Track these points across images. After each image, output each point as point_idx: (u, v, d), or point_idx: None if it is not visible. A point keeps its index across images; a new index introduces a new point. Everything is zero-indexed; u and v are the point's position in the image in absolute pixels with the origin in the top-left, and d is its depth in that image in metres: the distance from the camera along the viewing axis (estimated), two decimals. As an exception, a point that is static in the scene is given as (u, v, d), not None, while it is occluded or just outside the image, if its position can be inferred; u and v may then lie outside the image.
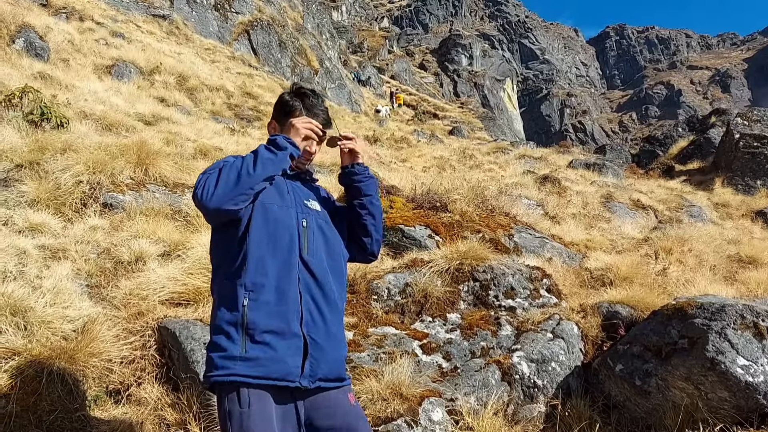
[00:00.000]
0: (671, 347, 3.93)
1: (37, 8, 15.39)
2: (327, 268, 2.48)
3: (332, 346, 2.39)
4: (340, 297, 2.53)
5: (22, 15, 13.12)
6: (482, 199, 8.12)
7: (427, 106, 50.92)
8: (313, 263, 2.42)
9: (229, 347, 2.24)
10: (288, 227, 2.43)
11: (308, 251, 2.43)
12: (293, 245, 2.41)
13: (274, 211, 2.43)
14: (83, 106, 9.86)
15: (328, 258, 2.52)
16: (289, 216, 2.46)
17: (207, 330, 4.02)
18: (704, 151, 21.16)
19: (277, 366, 2.23)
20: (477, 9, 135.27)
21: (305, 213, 2.52)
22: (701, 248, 7.71)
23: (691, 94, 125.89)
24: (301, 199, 2.56)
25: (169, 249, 5.45)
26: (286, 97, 2.68)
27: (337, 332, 2.46)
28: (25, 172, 6.38)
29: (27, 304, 3.84)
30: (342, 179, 2.70)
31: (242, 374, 2.20)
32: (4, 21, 12.25)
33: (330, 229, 2.61)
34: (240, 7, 28.47)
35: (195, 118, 13.62)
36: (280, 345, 2.26)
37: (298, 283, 2.36)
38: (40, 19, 14.17)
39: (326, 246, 2.54)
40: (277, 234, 2.40)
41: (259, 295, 2.30)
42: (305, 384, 2.28)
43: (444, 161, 20.40)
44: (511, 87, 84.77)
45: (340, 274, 2.58)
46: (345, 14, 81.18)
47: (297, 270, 2.38)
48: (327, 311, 2.40)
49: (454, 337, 4.54)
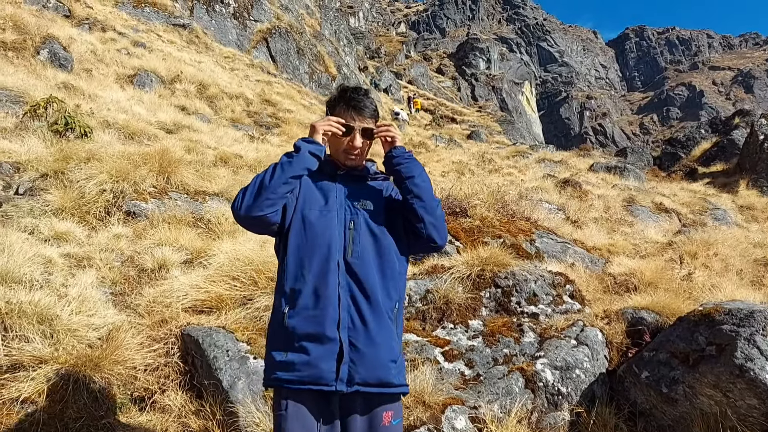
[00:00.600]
0: (699, 354, 3.86)
1: (61, 20, 15.66)
2: (375, 269, 2.44)
3: (373, 349, 2.34)
4: (388, 297, 2.46)
5: (46, 26, 13.36)
6: (502, 203, 8.07)
7: (444, 111, 50.85)
8: (357, 265, 2.41)
9: (274, 352, 2.37)
10: (328, 231, 2.43)
11: (353, 253, 2.42)
12: (334, 248, 2.40)
13: (313, 216, 2.45)
14: (106, 116, 10.00)
15: (378, 258, 2.47)
16: (331, 219, 2.46)
17: (229, 337, 4.05)
18: (728, 152, 20.86)
19: (311, 371, 2.27)
20: (494, 12, 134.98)
21: (354, 213, 2.50)
22: (727, 252, 7.58)
23: (713, 95, 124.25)
24: (350, 199, 2.53)
25: (191, 256, 5.50)
26: (330, 97, 2.70)
27: (381, 335, 2.38)
28: (50, 181, 6.49)
29: (53, 312, 3.89)
30: (385, 168, 2.63)
31: (281, 379, 2.31)
32: (29, 33, 12.48)
33: (381, 229, 2.53)
34: (258, 15, 28.71)
35: (215, 125, 13.76)
36: (315, 350, 2.29)
37: (337, 286, 2.36)
38: (63, 31, 14.41)
39: (376, 246, 2.49)
40: (316, 239, 2.42)
41: (297, 301, 2.36)
42: (341, 388, 2.28)
43: (463, 166, 20.34)
44: (529, 90, 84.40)
45: (392, 274, 2.50)
46: (362, 20, 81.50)
47: (338, 273, 2.37)
48: (369, 314, 2.36)
49: (477, 344, 4.51)
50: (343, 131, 2.52)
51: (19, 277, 4.26)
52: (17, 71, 10.63)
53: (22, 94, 9.07)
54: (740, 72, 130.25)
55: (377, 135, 2.59)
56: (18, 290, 4.01)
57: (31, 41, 12.45)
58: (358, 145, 2.56)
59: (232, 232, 6.41)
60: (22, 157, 6.86)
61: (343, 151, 2.59)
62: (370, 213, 2.52)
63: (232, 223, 6.61)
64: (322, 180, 2.57)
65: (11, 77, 9.80)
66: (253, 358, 3.90)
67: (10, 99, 8.74)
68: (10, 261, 4.36)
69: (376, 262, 2.46)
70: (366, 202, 2.55)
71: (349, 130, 2.54)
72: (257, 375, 3.78)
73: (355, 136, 2.55)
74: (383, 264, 2.48)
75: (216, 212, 6.79)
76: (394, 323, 2.47)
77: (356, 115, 2.57)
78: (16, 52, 11.86)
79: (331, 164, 2.63)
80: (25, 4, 14.60)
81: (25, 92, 9.21)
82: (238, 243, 5.70)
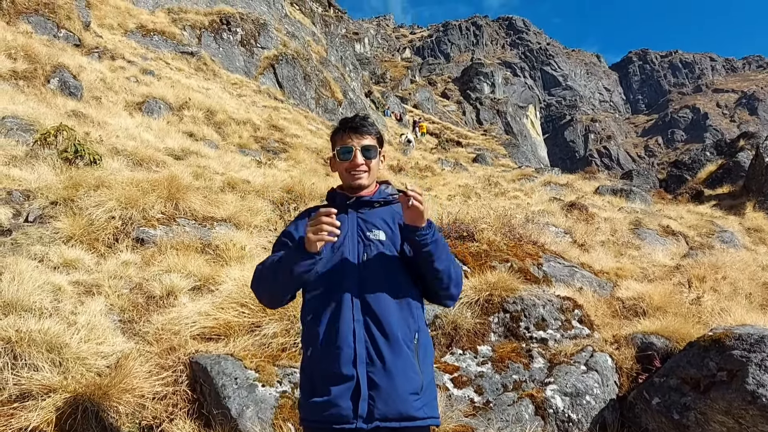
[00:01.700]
0: (709, 380, 3.83)
1: (71, 48, 15.89)
2: (391, 301, 2.42)
3: (392, 383, 2.31)
4: (407, 328, 2.42)
5: (56, 56, 13.55)
6: (509, 227, 8.07)
7: (450, 134, 51.14)
8: (372, 299, 2.40)
9: (302, 393, 2.47)
10: (342, 267, 2.44)
11: (368, 287, 2.41)
12: (347, 284, 2.41)
13: (326, 255, 2.43)
14: (115, 143, 10.09)
15: (393, 290, 2.44)
16: (344, 254, 2.46)
17: (238, 365, 4.04)
18: (734, 175, 20.86)
19: (332, 410, 2.29)
20: (498, 38, 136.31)
21: (367, 245, 2.48)
22: (735, 275, 7.54)
23: (717, 117, 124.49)
24: (363, 230, 2.52)
25: (199, 283, 5.51)
26: (332, 131, 2.72)
27: (399, 368, 2.34)
28: (60, 208, 6.53)
29: (62, 340, 3.90)
30: (403, 235, 2.48)
31: (306, 419, 2.41)
32: (39, 62, 12.66)
33: (396, 260, 2.50)
34: (265, 42, 29.08)
35: (223, 151, 13.85)
36: (334, 389, 2.32)
37: (352, 321, 2.36)
38: (73, 59, 14.62)
39: (391, 278, 2.46)
40: (330, 278, 2.43)
41: (315, 343, 2.40)
42: (361, 426, 2.27)
43: (469, 189, 20.40)
44: (534, 113, 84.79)
45: (409, 305, 2.47)
46: (368, 46, 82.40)
47: (352, 309, 2.37)
48: (386, 347, 2.34)
49: (486, 370, 4.49)
50: (337, 225, 2.26)
51: (29, 305, 4.28)
52: (28, 99, 10.77)
53: (33, 123, 9.17)
54: (744, 94, 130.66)
55: (401, 199, 2.35)
56: (28, 318, 4.02)
57: (41, 70, 12.63)
58: (359, 162, 2.55)
59: (239, 258, 6.43)
60: (32, 185, 6.92)
61: (346, 171, 2.58)
62: (383, 244, 2.50)
63: (239, 248, 6.64)
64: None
65: (22, 106, 9.92)
66: (261, 386, 3.89)
67: (21, 127, 8.85)
68: (20, 289, 4.39)
69: (392, 294, 2.44)
70: (378, 232, 2.52)
71: (349, 152, 2.55)
72: (265, 403, 3.77)
73: (356, 155, 2.54)
74: (399, 295, 2.46)
75: (224, 238, 6.81)
76: (415, 354, 2.42)
77: (354, 135, 2.57)
78: (27, 81, 12.03)
79: (341, 195, 2.63)
80: (36, 34, 14.82)
81: (36, 120, 9.31)
82: (246, 269, 5.71)
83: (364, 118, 2.66)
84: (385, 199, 2.63)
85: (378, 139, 2.65)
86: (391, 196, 2.65)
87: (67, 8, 16.82)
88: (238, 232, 7.24)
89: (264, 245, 7.09)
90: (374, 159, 2.60)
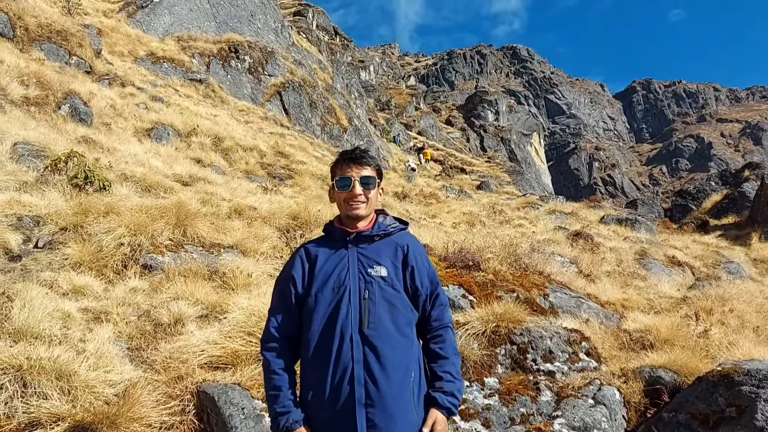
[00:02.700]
0: (718, 415, 3.82)
1: (82, 75, 16.13)
2: (392, 339, 2.44)
3: (391, 423, 2.35)
4: (406, 367, 2.45)
5: (68, 82, 13.77)
6: (515, 257, 8.09)
7: (454, 161, 51.34)
8: (373, 337, 2.41)
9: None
10: (342, 307, 2.46)
11: (369, 325, 2.42)
12: (348, 323, 2.43)
13: (327, 296, 2.49)
14: (124, 169, 10.20)
15: (395, 327, 2.47)
16: (345, 293, 2.47)
17: (245, 395, 4.05)
18: (739, 205, 20.86)
19: None
20: (502, 66, 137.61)
21: (368, 282, 2.49)
22: (742, 308, 7.52)
23: (721, 146, 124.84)
24: (364, 266, 2.52)
25: (207, 311, 5.53)
26: (331, 164, 2.76)
27: (399, 409, 2.38)
28: (69, 234, 6.59)
29: (71, 368, 3.91)
30: None
31: None
32: (51, 89, 12.86)
33: (397, 297, 2.51)
34: (272, 69, 29.45)
35: (230, 177, 13.96)
36: (333, 430, 2.37)
37: (351, 361, 2.38)
38: (84, 86, 14.84)
39: (392, 315, 2.48)
40: (332, 317, 2.46)
41: (313, 385, 2.46)
42: None
43: (473, 217, 20.45)
44: (538, 141, 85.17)
45: (409, 344, 2.51)
46: (373, 74, 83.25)
47: (351, 348, 2.39)
48: (386, 387, 2.36)
49: (493, 402, 4.47)
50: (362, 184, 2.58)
51: (38, 332, 4.30)
52: (39, 126, 10.91)
53: (44, 149, 9.28)
54: (748, 124, 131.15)
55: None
56: (38, 346, 4.04)
57: (53, 96, 12.82)
58: (357, 192, 2.56)
59: (246, 285, 6.45)
60: (42, 211, 6.98)
61: (345, 201, 2.59)
62: (385, 280, 2.51)
63: (246, 276, 6.66)
64: (333, 248, 2.60)
65: (33, 131, 10.05)
66: (268, 416, 3.88)
67: (31, 153, 8.95)
68: (31, 316, 4.41)
69: (393, 332, 2.46)
70: (380, 268, 2.53)
71: (348, 182, 2.58)
72: (273, 434, 3.76)
73: (354, 185, 2.56)
74: (400, 332, 2.48)
75: (231, 265, 6.84)
76: (413, 393, 2.46)
77: (354, 165, 2.60)
78: (38, 107, 12.20)
79: (340, 230, 2.62)
80: (49, 61, 15.07)
81: (47, 146, 9.43)
82: (253, 297, 5.73)
83: (364, 150, 2.71)
84: (385, 231, 2.63)
85: (377, 171, 2.68)
86: (390, 227, 2.66)
87: (78, 36, 17.13)
88: (244, 259, 7.26)
89: (270, 272, 7.10)
90: (373, 190, 2.61)
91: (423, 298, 2.60)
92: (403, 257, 2.59)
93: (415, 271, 2.58)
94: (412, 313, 2.57)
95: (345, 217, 2.63)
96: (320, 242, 2.66)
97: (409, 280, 2.57)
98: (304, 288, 2.56)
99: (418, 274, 2.59)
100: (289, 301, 2.57)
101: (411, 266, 2.58)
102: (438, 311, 2.64)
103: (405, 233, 2.70)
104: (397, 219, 2.73)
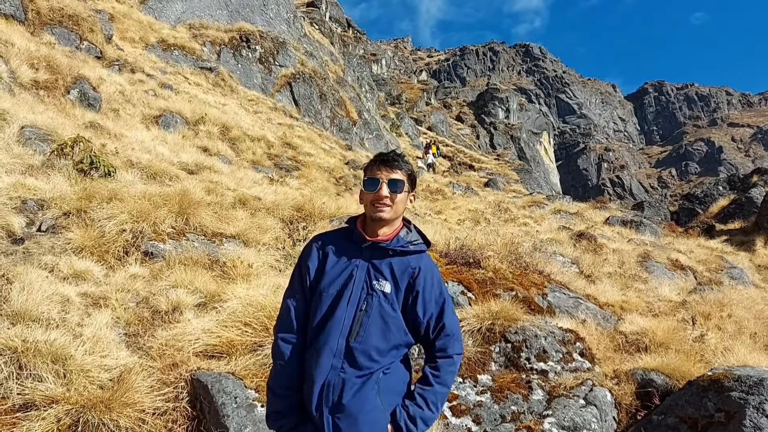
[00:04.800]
0: (707, 420, 3.83)
1: (92, 60, 16.18)
2: (375, 353, 2.45)
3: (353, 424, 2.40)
4: (387, 387, 2.48)
5: (77, 67, 13.81)
6: (516, 255, 8.08)
7: (463, 158, 51.22)
8: (357, 350, 2.43)
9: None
10: (337, 311, 2.48)
11: (357, 336, 2.44)
12: (338, 329, 2.45)
13: (329, 295, 2.52)
14: (130, 155, 10.25)
15: (383, 342, 2.47)
16: (344, 298, 2.49)
17: (238, 384, 4.09)
18: (746, 210, 20.74)
19: None
20: (514, 64, 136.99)
21: (369, 294, 2.49)
22: (741, 314, 7.50)
23: (732, 151, 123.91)
24: (370, 277, 2.52)
25: (205, 300, 5.57)
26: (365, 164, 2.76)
27: (366, 416, 2.41)
28: (72, 219, 6.64)
29: (68, 352, 3.96)
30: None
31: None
32: (60, 73, 12.91)
33: (393, 316, 2.51)
34: (283, 60, 29.45)
35: (236, 167, 14.00)
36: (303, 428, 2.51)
37: (330, 368, 2.43)
38: (94, 71, 14.89)
39: (384, 331, 2.48)
40: (325, 319, 2.51)
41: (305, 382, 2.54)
42: None
43: (479, 214, 20.41)
44: (547, 140, 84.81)
45: (394, 362, 2.53)
46: (384, 67, 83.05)
47: (333, 353, 2.43)
48: (353, 395, 2.41)
49: (485, 399, 4.50)
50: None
51: (36, 316, 4.36)
52: (47, 110, 10.97)
53: (51, 133, 9.34)
54: (760, 129, 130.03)
55: None
56: (35, 329, 4.09)
57: (62, 81, 12.87)
58: (384, 194, 2.51)
59: (246, 276, 6.49)
60: (46, 195, 7.04)
61: (371, 203, 2.55)
62: (386, 297, 2.50)
63: (246, 266, 6.69)
64: (347, 249, 2.59)
65: (41, 115, 10.11)
66: (260, 405, 3.92)
67: (38, 137, 9.01)
68: (29, 299, 4.47)
69: (379, 349, 2.47)
70: (385, 283, 2.50)
71: (375, 183, 2.54)
72: (264, 423, 3.79)
73: (382, 187, 2.52)
74: (385, 352, 2.49)
75: (232, 255, 6.87)
76: (377, 392, 2.47)
77: (384, 168, 2.57)
78: (47, 91, 12.26)
79: (359, 234, 2.59)
80: (59, 45, 15.12)
81: (54, 131, 9.48)
82: (252, 287, 5.77)
83: (398, 154, 2.67)
84: (402, 248, 2.56)
85: (408, 176, 2.61)
86: (410, 244, 2.59)
87: (90, 21, 17.17)
88: (246, 250, 7.30)
89: (271, 263, 7.14)
90: (400, 193, 2.55)
91: (423, 326, 2.56)
92: (411, 280, 2.54)
93: (419, 297, 2.53)
94: (406, 336, 2.55)
95: (369, 219, 2.59)
96: (337, 237, 2.65)
97: (411, 306, 2.54)
98: (313, 280, 2.59)
99: (422, 300, 2.54)
100: (305, 287, 2.61)
101: (417, 291, 2.54)
102: (443, 341, 2.58)
103: (423, 255, 2.63)
104: (422, 234, 2.67)
